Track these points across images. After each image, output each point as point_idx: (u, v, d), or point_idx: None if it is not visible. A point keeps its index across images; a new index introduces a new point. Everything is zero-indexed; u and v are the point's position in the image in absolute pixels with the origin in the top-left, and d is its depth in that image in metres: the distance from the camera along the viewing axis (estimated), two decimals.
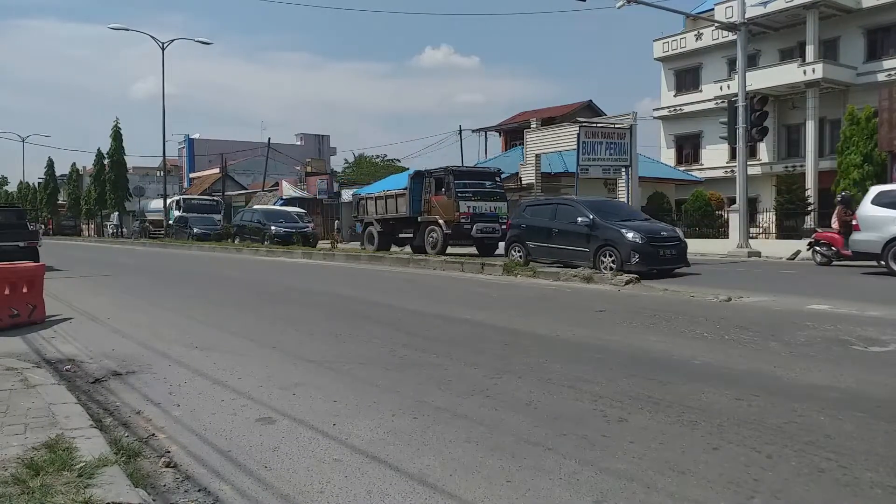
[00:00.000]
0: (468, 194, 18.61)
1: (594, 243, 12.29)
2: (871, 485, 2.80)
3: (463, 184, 18.72)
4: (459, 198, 18.33)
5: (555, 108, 41.39)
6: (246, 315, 8.35)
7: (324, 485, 2.91)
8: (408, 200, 19.97)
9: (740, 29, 19.04)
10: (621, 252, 11.75)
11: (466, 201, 18.41)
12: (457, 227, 18.22)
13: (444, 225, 18.44)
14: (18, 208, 24.83)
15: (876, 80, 26.90)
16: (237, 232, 28.73)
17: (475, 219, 18.37)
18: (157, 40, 35.96)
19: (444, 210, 18.52)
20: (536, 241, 13.82)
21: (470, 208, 18.35)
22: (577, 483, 2.87)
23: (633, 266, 11.45)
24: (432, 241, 18.94)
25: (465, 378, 4.72)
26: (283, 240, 24.73)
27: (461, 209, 18.24)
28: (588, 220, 12.49)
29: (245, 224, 28.27)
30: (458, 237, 18.58)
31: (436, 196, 19.00)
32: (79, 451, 3.07)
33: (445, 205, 18.50)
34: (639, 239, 11.75)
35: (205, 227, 33.28)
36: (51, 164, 64.96)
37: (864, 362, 5.12)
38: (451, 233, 18.35)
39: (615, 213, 13.27)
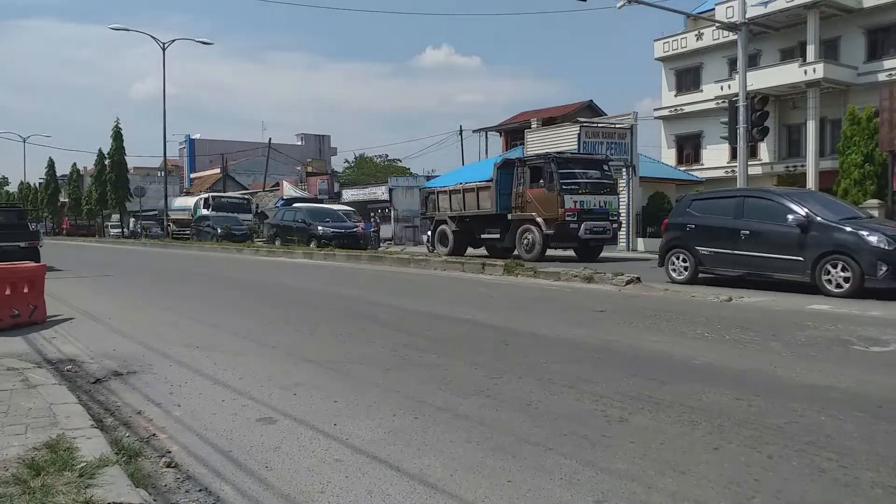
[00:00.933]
0: (574, 186, 15.65)
1: (813, 250, 9.00)
2: (872, 484, 2.80)
3: (568, 173, 15.75)
4: (564, 191, 15.43)
5: (555, 108, 41.40)
6: (246, 315, 8.35)
7: (325, 485, 2.91)
8: (493, 194, 17.15)
9: (741, 29, 19.03)
10: (861, 262, 8.57)
11: (572, 195, 15.49)
12: (561, 226, 15.36)
13: (544, 224, 15.59)
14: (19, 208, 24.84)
15: (877, 79, 26.88)
16: (276, 233, 25.03)
17: (583, 216, 15.52)
18: (157, 41, 36.00)
19: (544, 206, 15.69)
20: (713, 247, 10.26)
21: (577, 203, 15.45)
22: (577, 483, 2.87)
23: (880, 281, 8.50)
24: (527, 244, 16.15)
25: (465, 378, 4.72)
26: (331, 241, 21.91)
27: (566, 204, 15.34)
28: (801, 218, 9.20)
29: (287, 224, 24.52)
30: (562, 238, 15.84)
31: (532, 189, 16.15)
32: (80, 451, 3.07)
33: (546, 199, 15.67)
34: (885, 244, 8.55)
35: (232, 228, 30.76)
36: (51, 164, 65.05)
37: (865, 362, 5.12)
38: (553, 233, 15.55)
39: (834, 210, 9.83)
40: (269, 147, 44.73)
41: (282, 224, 24.97)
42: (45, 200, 64.15)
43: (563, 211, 15.35)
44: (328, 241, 21.74)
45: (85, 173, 61.98)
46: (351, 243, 21.83)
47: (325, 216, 24.19)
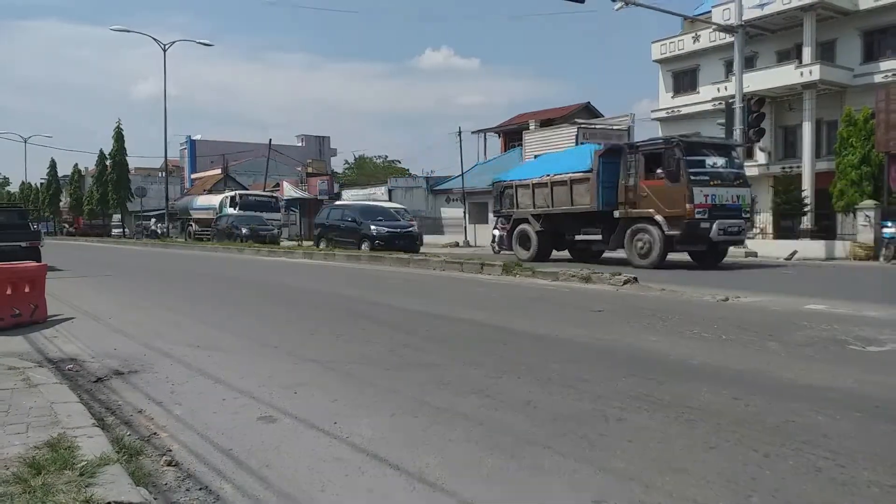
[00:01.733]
0: (705, 177, 13.04)
1: None
2: (869, 484, 2.82)
3: (696, 161, 13.13)
4: (694, 182, 12.83)
5: (553, 109, 41.48)
6: (247, 315, 8.36)
7: (325, 483, 2.93)
8: (593, 188, 14.62)
9: (737, 31, 19.10)
10: None
11: (702, 187, 12.91)
12: (690, 225, 12.83)
13: (666, 223, 13.12)
14: (20, 208, 24.82)
15: (873, 81, 26.94)
16: (321, 233, 22.50)
17: (714, 213, 12.92)
18: (158, 42, 36.02)
19: (666, 200, 13.18)
20: None
21: (708, 197, 12.90)
22: (576, 482, 2.89)
23: None
24: (643, 247, 13.60)
25: (464, 378, 4.74)
26: (386, 242, 19.64)
27: (696, 199, 12.76)
28: None
29: (334, 223, 21.87)
30: (690, 240, 13.25)
31: (649, 180, 13.65)
32: (80, 450, 3.08)
33: (668, 193, 13.15)
34: None
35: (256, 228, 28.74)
36: (53, 164, 65.05)
37: (862, 362, 5.14)
38: (680, 234, 12.98)
39: None
40: (269, 148, 44.66)
41: (328, 223, 22.18)
42: (47, 201, 64.06)
43: (693, 207, 12.63)
44: (382, 243, 19.45)
45: (86, 174, 61.92)
46: (407, 245, 19.40)
47: (378, 214, 21.79)
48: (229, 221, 30.24)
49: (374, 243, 19.46)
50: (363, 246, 19.60)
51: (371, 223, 20.38)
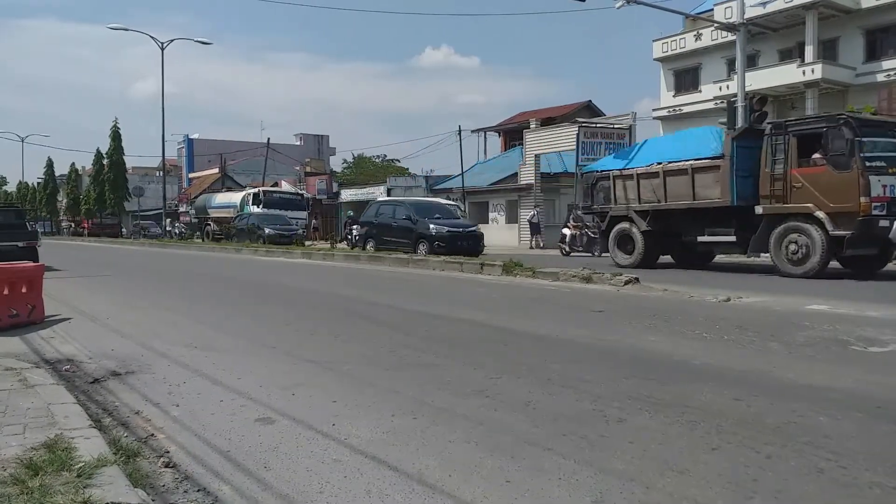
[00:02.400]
0: (881, 163, 10.57)
1: None
2: (871, 485, 2.80)
3: (871, 144, 10.66)
4: (869, 170, 10.36)
5: (554, 108, 41.46)
6: (245, 315, 8.35)
7: (323, 485, 2.91)
8: (726, 177, 12.02)
9: (739, 29, 19.06)
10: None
11: (879, 175, 10.44)
12: (865, 224, 10.37)
13: (830, 221, 10.62)
14: (17, 208, 24.82)
15: (875, 80, 26.93)
16: (368, 233, 19.95)
17: (893, 208, 10.54)
18: (156, 40, 36.02)
19: (831, 192, 10.69)
20: None
21: (887, 189, 10.46)
22: (576, 483, 2.87)
23: None
24: (797, 251, 11.07)
25: (464, 378, 4.72)
26: (447, 244, 16.96)
27: (873, 191, 10.31)
28: None
29: (384, 222, 19.27)
30: (865, 241, 10.74)
31: (804, 168, 11.17)
32: (78, 451, 3.06)
33: (833, 183, 10.67)
34: None
35: (280, 228, 26.52)
36: (50, 164, 65.13)
37: (864, 363, 5.12)
38: (852, 235, 10.48)
39: None
40: (267, 147, 44.67)
41: (377, 222, 19.45)
42: (44, 200, 64.11)
43: (869, 201, 10.22)
44: (443, 245, 16.87)
45: (83, 173, 61.93)
46: (472, 247, 17.14)
47: (435, 211, 19.20)
48: (251, 221, 27.77)
49: (433, 245, 16.97)
50: (420, 248, 17.21)
51: (430, 222, 17.76)
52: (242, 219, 29.05)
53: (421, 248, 17.25)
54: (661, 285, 9.94)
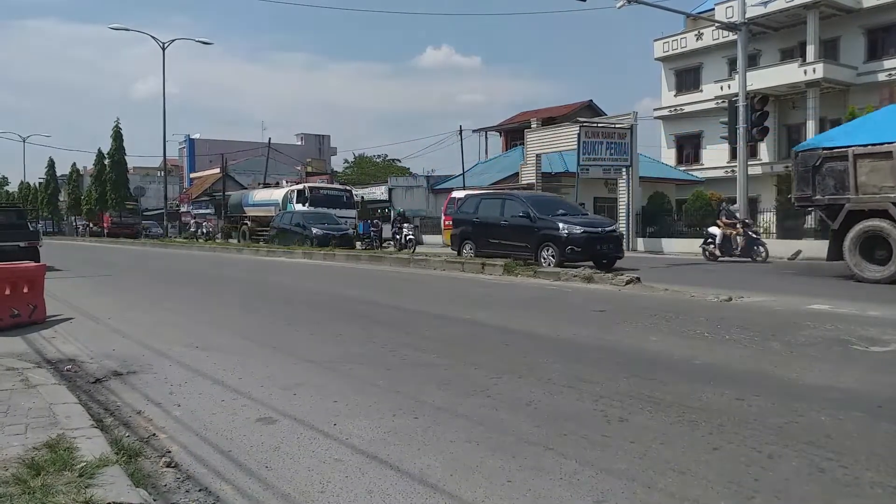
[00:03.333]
0: None
1: None
2: (872, 484, 2.80)
3: None
4: None
5: (555, 107, 41.45)
6: (246, 315, 8.35)
7: (324, 484, 2.91)
8: None
9: (741, 29, 19.04)
10: None
11: None
12: None
13: None
14: (19, 208, 24.85)
15: (876, 79, 26.91)
16: (465, 234, 15.68)
17: None
18: (157, 40, 36.05)
19: None
20: None
21: None
22: (577, 483, 2.87)
23: None
24: None
25: (465, 378, 4.72)
26: (583, 249, 13.22)
27: None
28: None
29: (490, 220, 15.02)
30: None
31: None
32: (80, 451, 3.07)
33: None
34: None
35: (328, 228, 23.39)
36: (51, 164, 65.15)
37: (865, 362, 5.11)
38: None
39: None
40: (268, 147, 44.69)
41: (479, 220, 15.35)
42: (45, 200, 64.13)
43: None
44: (577, 249, 13.10)
45: (85, 173, 61.96)
46: (612, 251, 13.77)
47: (557, 207, 14.82)
48: (295, 220, 24.64)
49: (564, 250, 13.10)
50: (545, 253, 13.40)
51: (557, 220, 13.66)
52: (285, 217, 25.78)
53: (545, 253, 13.35)
54: (663, 285, 9.94)
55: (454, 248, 16.41)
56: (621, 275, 10.49)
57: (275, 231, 25.92)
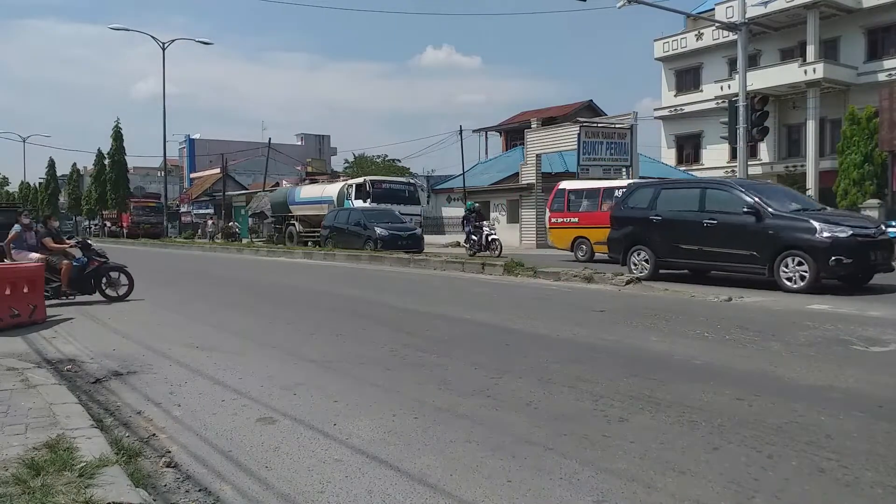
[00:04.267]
0: None
1: None
2: (872, 484, 2.80)
3: None
4: None
5: (555, 107, 41.45)
6: (246, 315, 8.35)
7: (324, 485, 2.91)
8: None
9: (741, 29, 19.04)
10: None
11: None
12: None
13: None
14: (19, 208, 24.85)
15: (877, 79, 26.90)
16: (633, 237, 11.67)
17: None
18: (157, 40, 36.05)
19: None
20: None
21: None
22: (577, 483, 2.87)
23: None
24: None
25: (465, 378, 4.72)
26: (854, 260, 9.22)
27: None
28: None
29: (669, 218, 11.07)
30: None
31: None
32: (79, 451, 3.07)
33: None
34: None
35: (394, 228, 19.66)
36: (52, 164, 65.16)
37: (865, 362, 5.11)
38: None
39: None
40: (268, 147, 44.68)
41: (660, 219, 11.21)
42: (45, 200, 64.15)
43: None
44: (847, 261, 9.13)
45: (85, 173, 61.97)
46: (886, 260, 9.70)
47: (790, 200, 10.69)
48: (354, 218, 20.82)
49: (828, 262, 9.10)
50: (789, 266, 9.42)
51: (811, 218, 9.63)
52: (340, 216, 22.00)
53: (790, 265, 9.36)
54: (663, 285, 9.93)
55: (615, 257, 12.14)
56: (621, 275, 10.48)
57: (328, 231, 22.06)
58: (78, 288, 9.60)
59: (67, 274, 9.41)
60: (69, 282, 9.44)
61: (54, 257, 9.57)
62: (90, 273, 9.66)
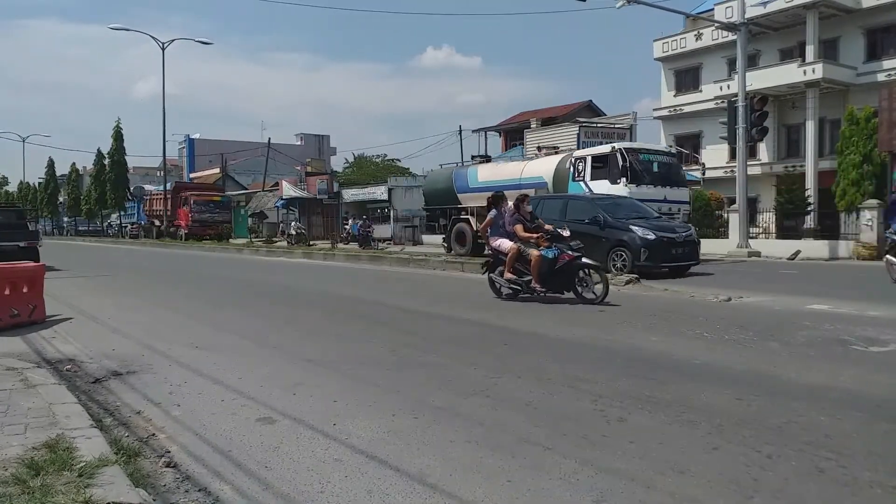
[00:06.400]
0: None
1: None
2: (871, 484, 2.80)
3: None
4: None
5: (555, 107, 41.45)
6: (246, 315, 8.35)
7: (324, 484, 2.91)
8: None
9: (740, 29, 19.04)
10: None
11: None
12: None
13: None
14: (18, 208, 24.86)
15: (876, 80, 26.89)
16: None
17: None
18: (157, 40, 36.03)
19: None
20: None
21: None
22: (576, 483, 2.87)
23: None
24: None
25: (465, 378, 4.72)
26: None
27: None
28: None
29: None
30: None
31: None
32: (79, 451, 3.07)
33: None
34: None
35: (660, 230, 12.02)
36: (51, 164, 65.13)
37: (864, 362, 5.12)
38: None
39: None
40: (268, 147, 44.68)
41: None
42: (45, 200, 64.12)
43: None
44: None
45: (84, 173, 61.92)
46: None
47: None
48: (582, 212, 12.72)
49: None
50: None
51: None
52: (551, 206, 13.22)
53: None
54: (662, 285, 9.94)
55: None
56: (620, 275, 10.48)
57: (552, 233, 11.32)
58: (549, 284, 8.56)
59: (537, 267, 8.47)
60: (539, 277, 8.50)
61: (528, 246, 8.62)
62: (562, 268, 8.48)
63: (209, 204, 37.46)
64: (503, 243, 8.81)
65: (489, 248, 9.00)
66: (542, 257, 8.43)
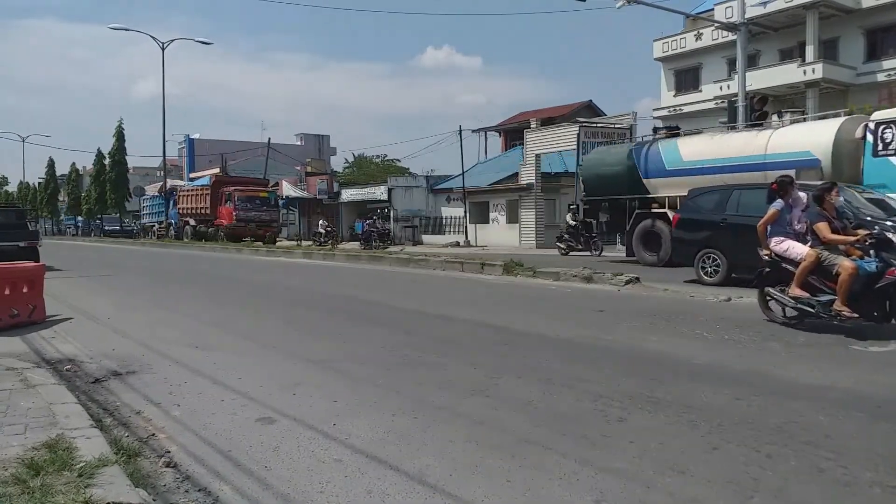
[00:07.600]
0: None
1: None
2: (871, 484, 2.80)
3: None
4: None
5: (555, 108, 41.46)
6: (246, 315, 8.35)
7: (324, 485, 2.91)
8: None
9: (740, 29, 19.04)
10: None
11: None
12: None
13: None
14: (18, 208, 24.86)
15: (876, 80, 26.91)
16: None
17: None
18: (157, 40, 36.03)
19: None
20: None
21: None
22: (576, 482, 2.87)
23: None
24: None
25: (465, 378, 4.72)
26: None
27: None
28: None
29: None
30: None
31: None
32: (79, 451, 3.07)
33: None
34: None
35: None
36: (51, 164, 65.14)
37: (864, 362, 5.12)
38: None
39: None
40: (268, 147, 44.60)
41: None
42: (45, 200, 64.12)
43: None
44: None
45: (84, 173, 61.93)
46: None
47: None
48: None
49: None
50: None
51: None
52: None
53: None
54: (662, 285, 9.93)
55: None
56: (620, 275, 10.48)
57: None
58: (860, 308, 5.92)
59: (847, 284, 5.86)
60: (849, 297, 5.90)
61: (834, 253, 6.15)
62: (884, 288, 5.86)
63: (255, 200, 31.59)
64: (793, 247, 6.45)
65: (765, 252, 6.74)
66: (857, 270, 5.85)
